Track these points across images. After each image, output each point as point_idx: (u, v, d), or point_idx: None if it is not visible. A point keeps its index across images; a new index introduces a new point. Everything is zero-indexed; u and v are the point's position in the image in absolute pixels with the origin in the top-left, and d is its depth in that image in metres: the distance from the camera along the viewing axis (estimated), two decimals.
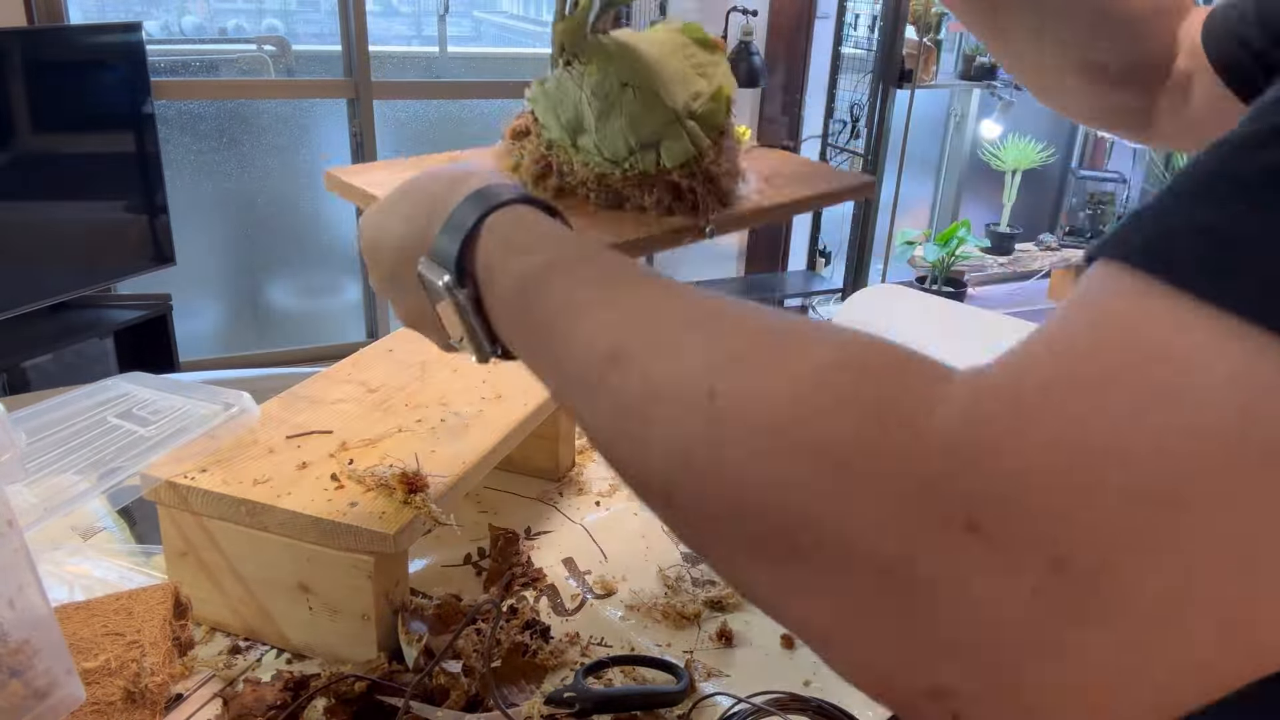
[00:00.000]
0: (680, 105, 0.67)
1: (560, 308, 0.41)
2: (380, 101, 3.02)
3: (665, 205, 0.67)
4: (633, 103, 0.65)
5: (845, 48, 3.63)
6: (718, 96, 0.69)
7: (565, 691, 0.63)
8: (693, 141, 0.67)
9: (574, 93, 0.66)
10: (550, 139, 0.69)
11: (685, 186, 0.67)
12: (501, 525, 0.82)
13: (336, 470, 0.69)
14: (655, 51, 0.69)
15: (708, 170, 0.68)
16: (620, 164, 0.66)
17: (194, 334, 3.03)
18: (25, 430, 0.70)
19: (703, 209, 0.67)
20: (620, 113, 0.65)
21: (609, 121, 0.66)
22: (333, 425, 0.76)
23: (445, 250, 0.47)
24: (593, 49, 0.66)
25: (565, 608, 0.75)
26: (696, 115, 0.68)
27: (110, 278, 2.53)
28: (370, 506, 0.64)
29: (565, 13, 0.65)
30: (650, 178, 0.67)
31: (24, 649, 0.52)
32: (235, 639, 0.70)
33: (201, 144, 2.93)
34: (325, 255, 3.26)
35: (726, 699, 0.65)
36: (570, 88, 0.66)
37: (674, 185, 0.67)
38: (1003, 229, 4.06)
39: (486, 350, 0.48)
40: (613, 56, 0.65)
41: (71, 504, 0.62)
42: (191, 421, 0.72)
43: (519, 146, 0.71)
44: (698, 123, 0.68)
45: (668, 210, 0.67)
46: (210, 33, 3.02)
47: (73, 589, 0.73)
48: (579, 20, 0.65)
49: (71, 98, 2.32)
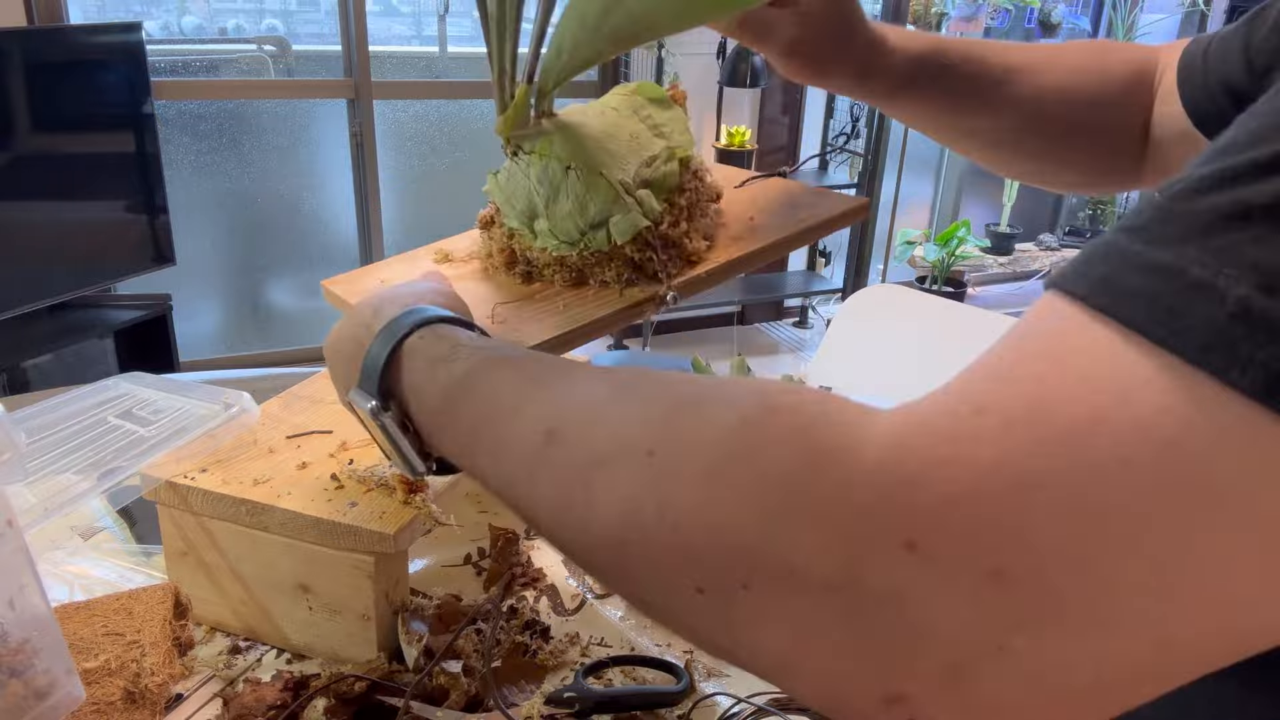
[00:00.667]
0: (630, 176, 0.66)
1: (489, 405, 0.43)
2: (380, 101, 3.02)
3: (626, 278, 0.67)
4: (576, 184, 0.65)
5: None
6: (672, 157, 0.69)
7: (565, 691, 0.63)
8: (643, 212, 0.66)
9: (523, 182, 0.67)
10: (511, 227, 0.70)
11: (638, 259, 0.67)
12: (501, 525, 0.82)
13: (336, 470, 0.69)
14: (602, 123, 0.69)
15: (665, 235, 0.68)
16: (575, 245, 0.67)
17: (194, 334, 3.03)
18: (25, 430, 0.70)
19: (663, 276, 0.67)
20: (566, 195, 0.66)
21: (557, 206, 0.66)
22: (333, 425, 0.76)
23: (368, 376, 0.50)
24: (533, 136, 0.66)
25: (565, 608, 0.75)
26: (651, 181, 0.68)
27: (110, 278, 2.53)
28: (370, 506, 0.64)
29: (505, 105, 0.66)
30: (606, 254, 0.67)
31: (24, 649, 0.52)
32: (235, 639, 0.70)
33: (201, 144, 2.93)
34: (325, 255, 3.26)
35: (726, 699, 0.65)
36: (519, 177, 0.67)
37: (629, 259, 0.67)
38: (1003, 229, 4.06)
39: (418, 468, 0.51)
40: (554, 140, 0.65)
41: (71, 504, 0.62)
42: (191, 421, 0.72)
43: (487, 236, 0.73)
44: (653, 188, 0.68)
45: (629, 282, 0.67)
46: (210, 33, 3.02)
47: (73, 589, 0.73)
48: (516, 112, 0.65)
49: (71, 98, 2.32)
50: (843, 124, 3.67)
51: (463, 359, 0.47)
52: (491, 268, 0.73)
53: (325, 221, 3.21)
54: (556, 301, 0.67)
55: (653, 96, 0.73)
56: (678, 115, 0.73)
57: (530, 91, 0.64)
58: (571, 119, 0.69)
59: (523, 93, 0.64)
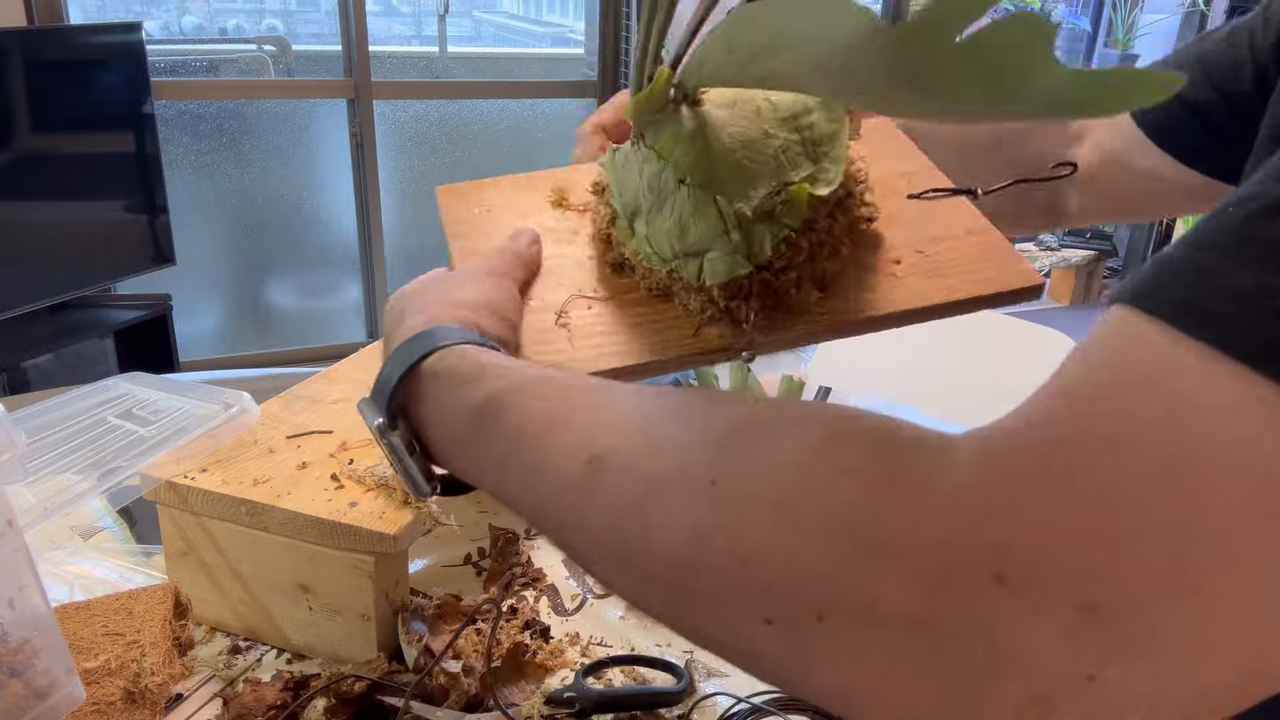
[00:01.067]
0: (753, 204, 0.55)
1: (523, 427, 0.40)
2: (380, 101, 3.02)
3: (708, 315, 0.59)
4: (685, 202, 0.56)
5: None
6: (802, 190, 0.55)
7: (565, 691, 0.63)
8: (748, 254, 0.56)
9: (635, 176, 0.59)
10: (615, 211, 0.62)
11: (723, 306, 0.57)
12: (501, 525, 0.82)
13: (336, 470, 0.69)
14: (748, 127, 0.57)
15: (766, 282, 0.57)
16: (666, 263, 0.59)
17: (194, 334, 3.03)
18: (25, 430, 0.70)
19: (747, 327, 0.58)
20: (671, 212, 0.57)
21: (659, 219, 0.58)
22: (333, 425, 0.76)
23: (380, 392, 0.47)
24: (662, 126, 0.57)
25: (565, 608, 0.75)
26: (774, 212, 0.56)
27: (110, 278, 2.53)
28: (370, 506, 0.64)
29: (641, 85, 0.57)
30: (696, 286, 0.58)
31: (24, 649, 0.52)
32: (235, 639, 0.70)
33: (201, 144, 2.93)
34: (325, 255, 3.26)
35: (726, 699, 0.65)
36: (633, 169, 0.59)
37: (714, 301, 0.57)
38: None
39: (423, 489, 0.48)
40: (681, 142, 0.56)
41: (71, 504, 0.62)
42: (191, 421, 0.72)
43: (597, 203, 0.65)
44: (773, 221, 0.56)
45: (710, 319, 0.59)
46: (210, 33, 3.02)
47: (73, 589, 0.73)
48: (651, 97, 0.56)
49: (71, 98, 2.32)
50: None
51: (489, 380, 0.44)
52: (592, 238, 0.64)
53: (325, 221, 3.21)
54: (633, 313, 0.60)
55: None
56: (839, 133, 0.59)
57: (671, 78, 0.55)
58: (716, 114, 0.58)
59: (663, 76, 0.55)
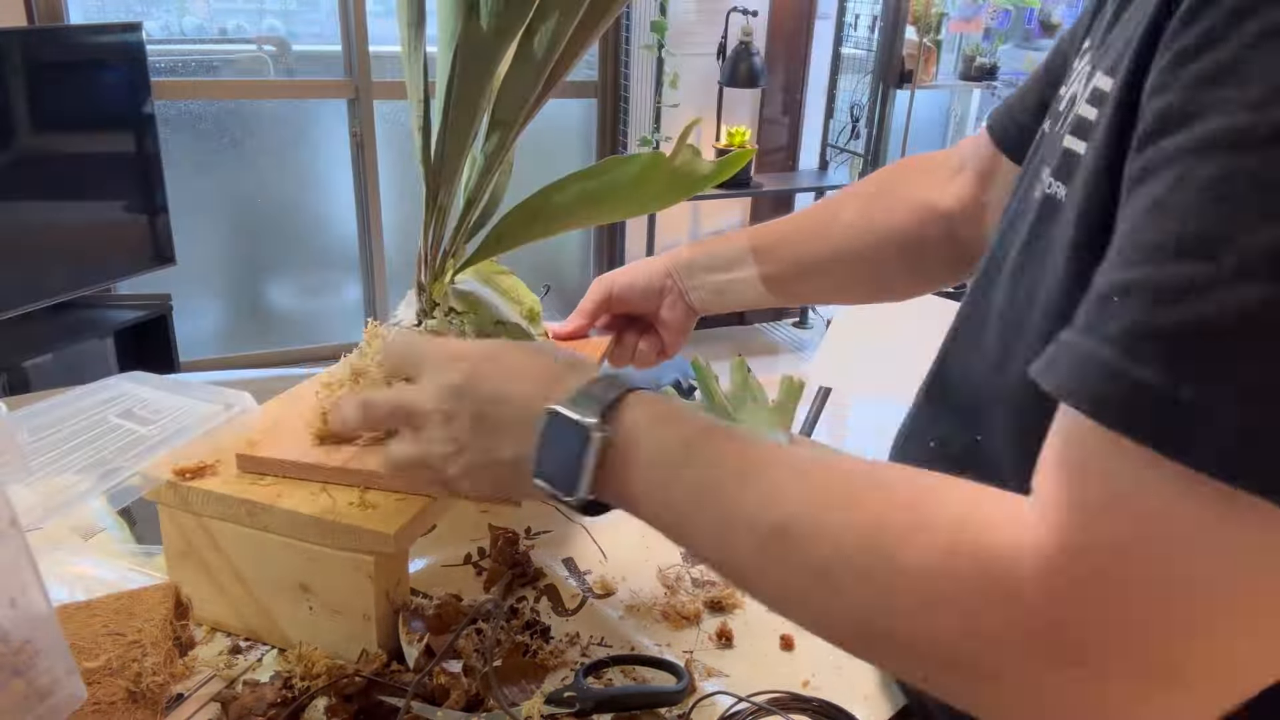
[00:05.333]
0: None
1: (712, 479, 0.47)
2: (380, 101, 3.02)
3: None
4: (506, 335, 0.77)
5: (845, 48, 3.63)
6: (529, 314, 0.84)
7: (565, 691, 0.63)
8: None
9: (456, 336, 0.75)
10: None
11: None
12: (501, 525, 0.82)
13: None
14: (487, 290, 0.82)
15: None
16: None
17: (194, 334, 3.03)
18: (26, 430, 0.70)
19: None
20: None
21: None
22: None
23: (598, 397, 0.50)
24: (458, 298, 0.77)
25: (565, 608, 0.75)
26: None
27: (110, 278, 2.54)
28: (370, 506, 0.64)
29: (427, 280, 0.76)
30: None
31: (26, 649, 0.52)
32: (236, 639, 0.70)
33: (201, 144, 2.93)
34: (325, 255, 3.26)
35: (726, 698, 0.65)
36: (452, 331, 0.76)
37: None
38: None
39: (583, 497, 0.50)
40: (472, 304, 0.77)
41: (72, 504, 0.62)
42: (192, 421, 0.72)
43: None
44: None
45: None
46: (210, 33, 3.02)
47: (74, 589, 0.73)
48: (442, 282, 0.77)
49: (71, 98, 2.32)
50: (843, 124, 3.68)
51: (693, 423, 0.49)
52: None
53: (325, 221, 3.21)
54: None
55: (494, 270, 0.85)
56: (512, 279, 0.87)
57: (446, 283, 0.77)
58: (469, 290, 0.80)
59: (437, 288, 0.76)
